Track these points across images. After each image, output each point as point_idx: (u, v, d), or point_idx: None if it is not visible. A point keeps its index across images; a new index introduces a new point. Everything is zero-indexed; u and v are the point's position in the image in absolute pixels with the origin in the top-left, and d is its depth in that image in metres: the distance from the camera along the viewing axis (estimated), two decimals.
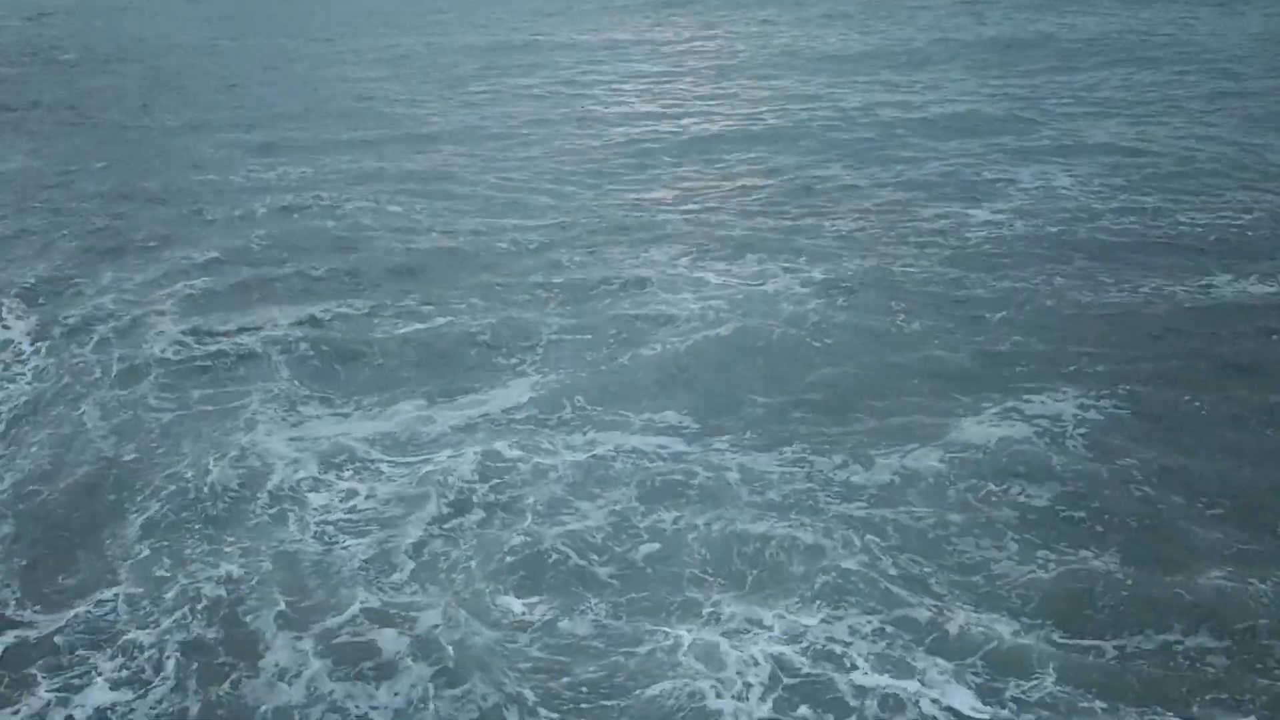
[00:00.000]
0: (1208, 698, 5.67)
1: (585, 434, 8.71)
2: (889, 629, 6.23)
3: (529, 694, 5.86)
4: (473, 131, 21.15)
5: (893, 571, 6.74)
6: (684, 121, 21.18)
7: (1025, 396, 8.87)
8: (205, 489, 8.02)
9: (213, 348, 10.75)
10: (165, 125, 22.72)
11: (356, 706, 5.86)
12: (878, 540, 7.06)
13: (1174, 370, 9.23)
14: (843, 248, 12.90)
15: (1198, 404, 8.65)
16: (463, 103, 24.63)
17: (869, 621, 6.29)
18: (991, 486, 7.65)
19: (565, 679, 5.98)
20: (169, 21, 50.22)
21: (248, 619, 6.57)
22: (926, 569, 6.77)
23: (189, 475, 8.22)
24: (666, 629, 6.33)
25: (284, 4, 56.94)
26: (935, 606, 6.39)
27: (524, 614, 6.54)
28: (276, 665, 6.15)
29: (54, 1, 64.89)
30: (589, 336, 10.64)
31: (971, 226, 13.44)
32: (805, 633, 6.22)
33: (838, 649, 6.09)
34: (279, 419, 9.15)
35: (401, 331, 10.93)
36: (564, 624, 6.43)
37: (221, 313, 11.61)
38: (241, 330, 11.04)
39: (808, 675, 5.91)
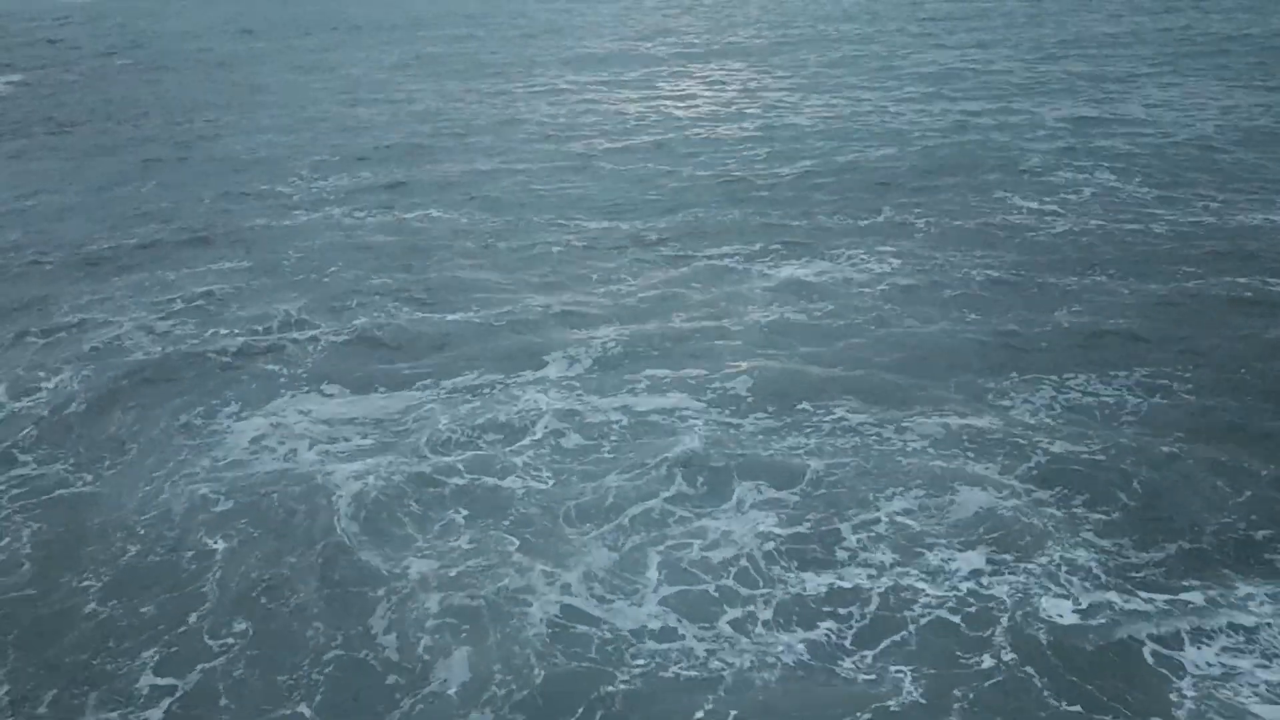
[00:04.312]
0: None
1: (642, 392, 9.08)
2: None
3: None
4: (525, 132, 21.18)
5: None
6: (751, 117, 21.28)
7: (1077, 377, 9.15)
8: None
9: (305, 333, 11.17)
10: (205, 133, 22.70)
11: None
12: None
13: (1227, 361, 9.35)
14: (909, 241, 13.02)
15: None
16: (511, 103, 24.74)
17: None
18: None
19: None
20: (184, 22, 50.86)
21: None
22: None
23: None
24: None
25: (311, 4, 57.54)
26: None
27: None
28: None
29: (66, 4, 65.82)
30: (654, 321, 10.84)
31: (1039, 221, 13.56)
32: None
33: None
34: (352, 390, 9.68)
35: (466, 318, 11.13)
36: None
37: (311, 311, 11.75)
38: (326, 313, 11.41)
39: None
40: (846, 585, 6.47)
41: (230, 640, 6.18)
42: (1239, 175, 15.26)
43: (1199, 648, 5.89)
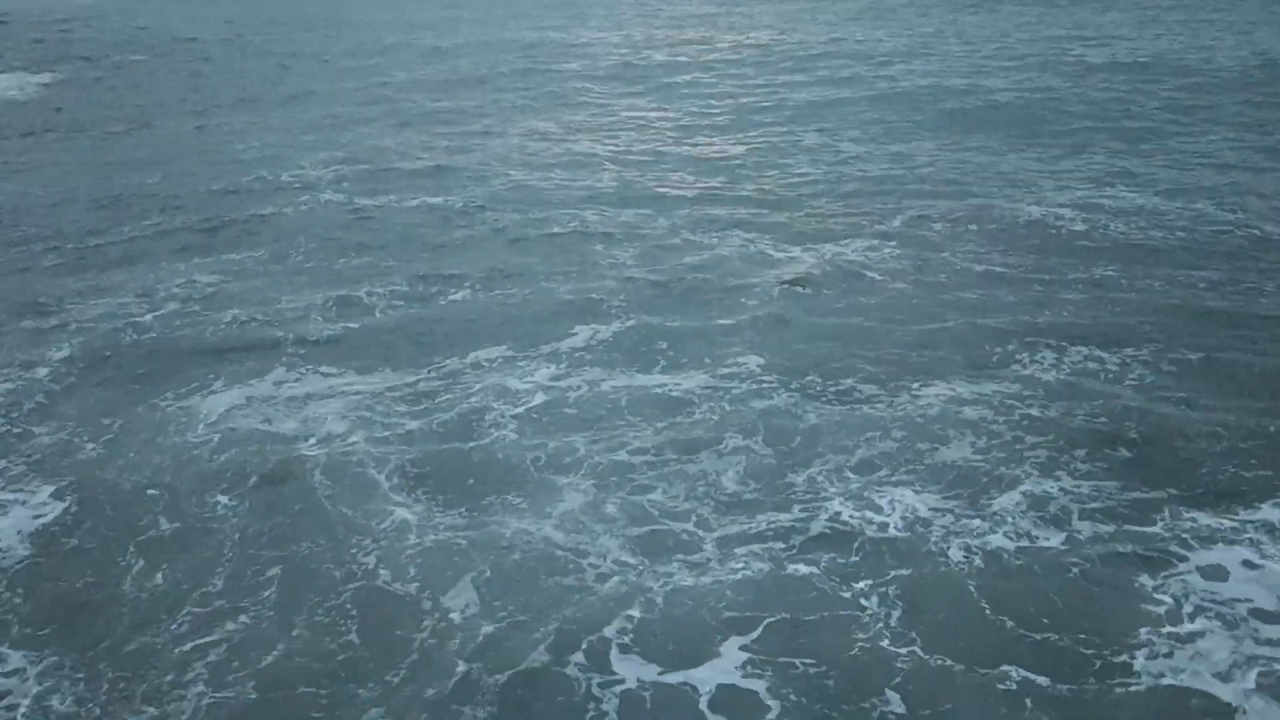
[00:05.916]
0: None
1: (653, 369, 9.71)
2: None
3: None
4: (537, 129, 21.61)
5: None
6: (758, 124, 21.73)
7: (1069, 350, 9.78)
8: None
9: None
10: (215, 129, 23.02)
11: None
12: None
13: (1212, 344, 9.82)
14: (917, 235, 13.53)
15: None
16: (521, 100, 25.29)
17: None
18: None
19: None
20: (189, 22, 51.08)
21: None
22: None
23: None
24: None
25: (317, 4, 57.81)
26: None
27: None
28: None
29: (70, 4, 65.83)
30: (666, 305, 11.36)
31: (1048, 221, 13.93)
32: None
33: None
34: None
35: (474, 303, 11.64)
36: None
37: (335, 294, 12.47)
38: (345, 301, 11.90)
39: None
40: (816, 511, 7.16)
41: (258, 590, 6.71)
42: (1263, 191, 15.34)
43: (1165, 580, 6.37)
